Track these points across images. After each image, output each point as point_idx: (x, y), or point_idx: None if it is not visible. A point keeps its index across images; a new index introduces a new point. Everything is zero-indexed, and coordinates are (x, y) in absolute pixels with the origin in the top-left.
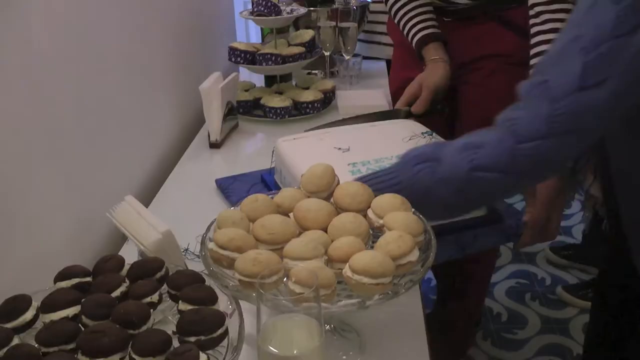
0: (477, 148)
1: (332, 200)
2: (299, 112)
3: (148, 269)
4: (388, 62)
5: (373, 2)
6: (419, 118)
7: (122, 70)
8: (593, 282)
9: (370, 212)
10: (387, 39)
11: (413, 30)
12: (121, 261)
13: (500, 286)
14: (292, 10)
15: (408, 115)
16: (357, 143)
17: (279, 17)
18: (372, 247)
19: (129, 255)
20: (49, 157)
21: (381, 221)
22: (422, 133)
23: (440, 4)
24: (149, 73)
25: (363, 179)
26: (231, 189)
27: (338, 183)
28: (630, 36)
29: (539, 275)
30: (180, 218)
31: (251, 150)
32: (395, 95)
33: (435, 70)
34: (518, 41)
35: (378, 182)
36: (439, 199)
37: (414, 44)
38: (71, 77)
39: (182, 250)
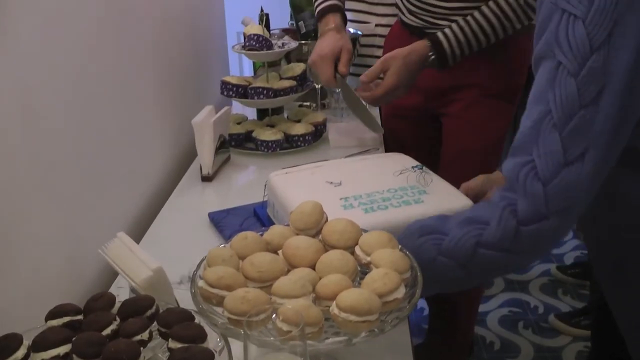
0: (481, 224)
1: (320, 237)
2: (290, 145)
3: (139, 307)
4: None
5: (364, 35)
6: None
7: (114, 104)
8: (585, 310)
9: (357, 249)
10: None
11: (316, 3)
12: (112, 299)
13: (493, 315)
14: (283, 44)
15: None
16: (349, 177)
17: (270, 51)
18: (359, 284)
19: (121, 290)
20: (40, 193)
21: (368, 258)
22: (413, 167)
23: (422, 26)
24: (141, 106)
25: None
26: (224, 222)
27: (326, 220)
28: (596, 103)
29: (532, 304)
30: (173, 253)
31: (243, 183)
32: (387, 123)
33: (322, 41)
34: (494, 72)
35: None
36: (441, 272)
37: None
38: (63, 112)
39: (178, 282)
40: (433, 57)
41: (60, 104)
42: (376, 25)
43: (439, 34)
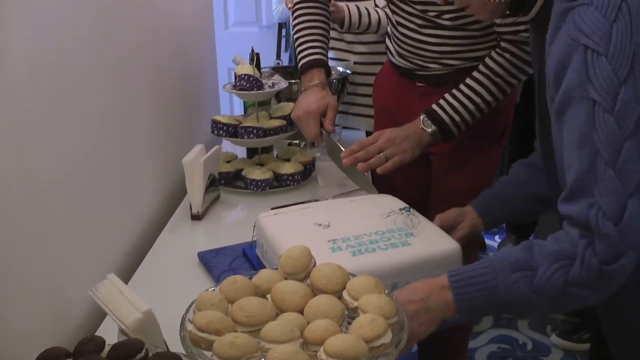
0: (567, 259)
1: (308, 281)
2: (279, 184)
3: (128, 351)
4: (368, 133)
5: (353, 73)
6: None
7: (105, 142)
8: (584, 324)
9: (345, 294)
10: (366, 110)
11: (299, 56)
12: (101, 343)
13: (482, 351)
14: (273, 84)
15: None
16: (337, 219)
17: (260, 91)
18: (347, 329)
19: (110, 332)
20: (30, 233)
21: (356, 303)
22: (400, 209)
23: (412, 68)
24: (132, 145)
25: (454, 276)
26: (213, 262)
27: (315, 264)
28: (637, 131)
29: (521, 340)
30: (162, 293)
31: (232, 221)
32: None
33: (307, 97)
34: (483, 115)
35: (473, 283)
36: (534, 306)
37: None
38: (53, 151)
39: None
40: (434, 128)
41: (51, 142)
42: (355, 62)
43: (434, 106)
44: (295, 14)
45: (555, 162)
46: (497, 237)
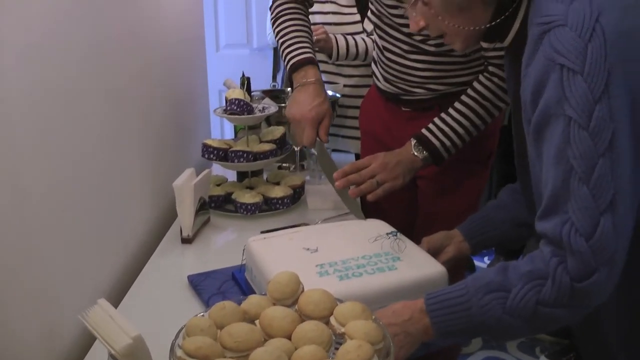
0: (540, 279)
1: (296, 307)
2: (269, 207)
3: None
4: (357, 156)
5: (343, 96)
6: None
7: (95, 166)
8: (573, 345)
9: (332, 319)
10: (356, 133)
11: (288, 56)
12: None
13: None
14: (263, 108)
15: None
16: (325, 243)
17: (250, 116)
18: (334, 354)
19: (99, 357)
20: (20, 257)
21: (343, 329)
22: (387, 233)
23: (397, 93)
24: (123, 169)
25: (430, 299)
26: (202, 286)
27: (303, 290)
28: (611, 149)
29: None
30: (152, 317)
31: (222, 244)
32: (364, 155)
33: (305, 98)
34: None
35: (448, 306)
36: (508, 328)
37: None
38: (44, 172)
39: None
40: (426, 154)
41: (42, 165)
42: (344, 85)
43: (424, 131)
44: (278, 21)
45: (531, 185)
46: (486, 259)
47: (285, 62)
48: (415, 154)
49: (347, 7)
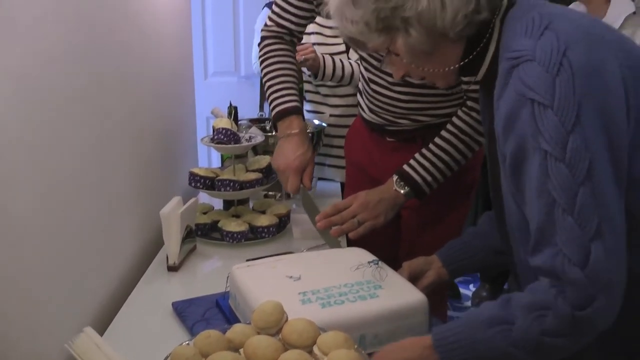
0: (542, 310)
1: (280, 336)
2: (255, 235)
3: None
4: (343, 184)
5: (329, 125)
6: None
7: (83, 193)
8: None
9: (316, 349)
10: (341, 162)
11: (273, 103)
12: None
13: None
14: (250, 138)
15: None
16: (308, 272)
17: (237, 145)
18: None
19: None
20: (3, 283)
21: (326, 358)
22: (369, 262)
23: (382, 123)
24: (110, 196)
25: (437, 335)
26: (187, 312)
27: (286, 319)
28: (590, 178)
29: None
30: (138, 345)
31: (208, 272)
32: (349, 185)
33: (289, 148)
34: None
35: (454, 341)
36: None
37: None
38: (31, 197)
39: None
40: (408, 189)
41: (30, 190)
42: (330, 115)
43: (405, 167)
44: (265, 62)
45: (504, 216)
46: (471, 286)
47: (271, 108)
48: (398, 189)
49: (331, 37)
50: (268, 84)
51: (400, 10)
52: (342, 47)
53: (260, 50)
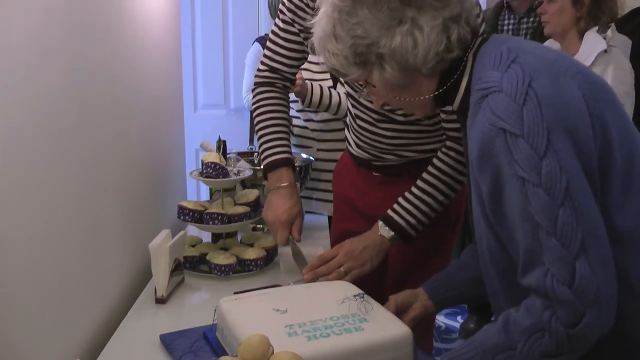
0: (540, 332)
1: None
2: (242, 268)
3: None
4: (330, 218)
5: (316, 160)
6: None
7: (72, 225)
8: None
9: None
10: (328, 196)
11: (264, 154)
12: None
13: None
14: (238, 172)
15: None
16: (294, 305)
17: (225, 179)
18: None
19: None
20: None
21: None
22: (354, 295)
23: (369, 158)
24: (99, 229)
25: None
26: (174, 345)
27: (272, 352)
28: (568, 198)
29: None
30: None
31: (196, 304)
32: (336, 218)
33: (278, 201)
34: None
35: None
36: None
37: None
38: (19, 228)
39: None
40: (393, 234)
41: (19, 222)
42: (318, 150)
43: (389, 212)
44: (258, 111)
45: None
46: (459, 318)
47: (262, 158)
48: (383, 234)
49: (319, 73)
50: (260, 133)
51: (375, 46)
52: (330, 83)
53: (253, 97)
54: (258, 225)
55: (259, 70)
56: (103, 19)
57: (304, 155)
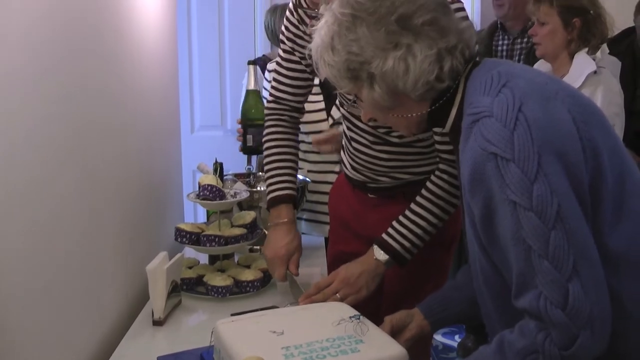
0: (535, 354)
1: None
2: (239, 290)
3: None
4: (326, 239)
5: (313, 182)
6: None
7: (69, 248)
8: None
9: None
10: (321, 217)
11: (269, 188)
12: None
13: None
14: (235, 194)
15: None
16: (291, 326)
17: (222, 201)
18: None
19: None
20: None
21: None
22: (350, 317)
23: (364, 180)
24: (97, 251)
25: None
26: None
27: None
28: (560, 221)
29: None
30: None
31: (193, 326)
32: (331, 270)
33: (277, 237)
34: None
35: None
36: None
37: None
38: (16, 251)
39: None
40: (388, 257)
41: (16, 244)
42: (308, 171)
43: (384, 236)
44: (265, 145)
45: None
46: (457, 337)
47: (267, 193)
48: (378, 258)
49: (312, 94)
50: (266, 167)
51: (368, 65)
52: (322, 105)
53: (265, 128)
54: (255, 247)
55: (267, 102)
56: (101, 42)
57: (300, 177)
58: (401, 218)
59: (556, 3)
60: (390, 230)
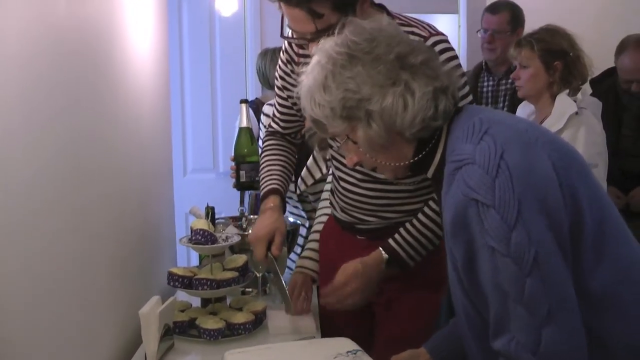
0: None
1: None
2: (231, 332)
3: None
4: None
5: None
6: None
7: (60, 292)
8: None
9: None
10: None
11: (261, 187)
12: None
13: None
14: (227, 238)
15: None
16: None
17: (214, 245)
18: None
19: None
20: None
21: None
22: (347, 352)
23: (352, 222)
24: (90, 296)
25: None
26: None
27: None
28: (537, 268)
29: None
30: None
31: None
32: (323, 310)
33: (261, 221)
34: (415, 266)
35: None
36: None
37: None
38: (6, 297)
39: None
40: (391, 262)
41: (5, 291)
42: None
43: (390, 241)
44: (264, 152)
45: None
46: None
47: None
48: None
49: None
50: (260, 172)
51: (366, 102)
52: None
53: (263, 142)
54: (247, 290)
55: (265, 134)
56: (93, 87)
57: (291, 219)
58: (407, 226)
59: (537, 47)
60: (396, 236)
